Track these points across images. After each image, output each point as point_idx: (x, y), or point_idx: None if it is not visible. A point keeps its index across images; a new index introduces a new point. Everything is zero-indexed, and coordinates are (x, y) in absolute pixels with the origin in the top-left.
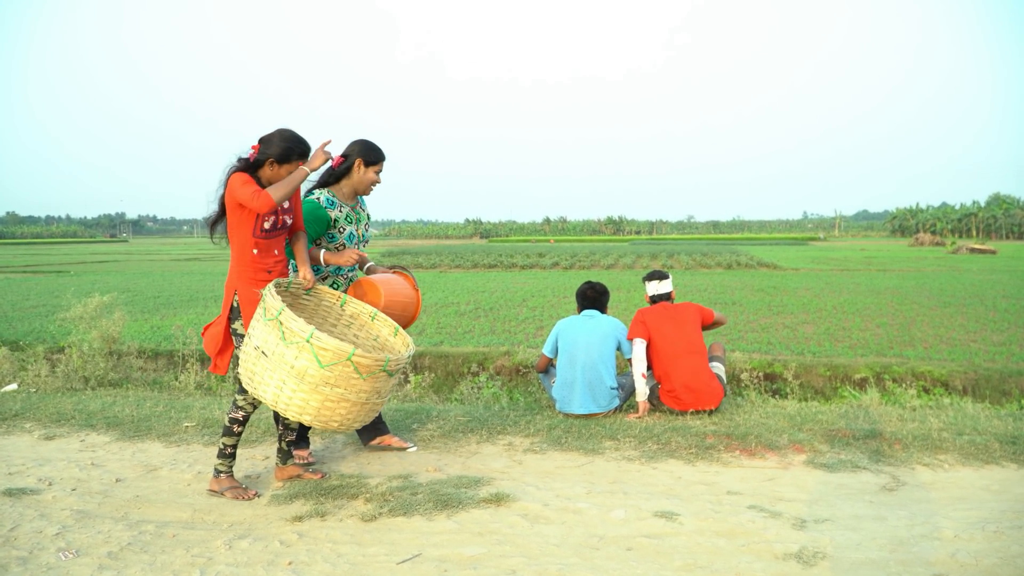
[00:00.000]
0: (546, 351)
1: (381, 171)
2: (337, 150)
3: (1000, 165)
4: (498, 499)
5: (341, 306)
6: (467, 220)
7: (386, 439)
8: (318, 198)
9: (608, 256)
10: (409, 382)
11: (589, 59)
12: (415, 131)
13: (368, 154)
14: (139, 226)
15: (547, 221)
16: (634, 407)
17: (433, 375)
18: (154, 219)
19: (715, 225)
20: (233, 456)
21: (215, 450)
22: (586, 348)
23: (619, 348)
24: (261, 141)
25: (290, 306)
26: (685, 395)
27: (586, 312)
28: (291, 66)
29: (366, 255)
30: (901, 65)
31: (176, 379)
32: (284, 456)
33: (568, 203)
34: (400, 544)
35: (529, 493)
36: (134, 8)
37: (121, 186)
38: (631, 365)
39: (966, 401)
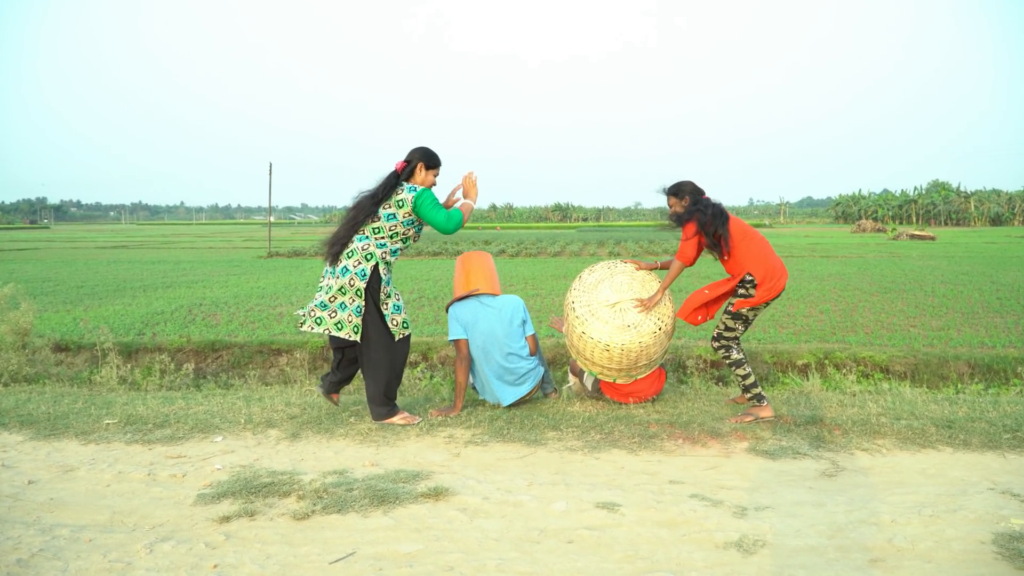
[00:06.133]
0: (461, 335)
1: (438, 175)
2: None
3: (939, 152)
4: (437, 493)
5: None
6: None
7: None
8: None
9: (555, 243)
10: None
11: (547, 40)
12: (359, 103)
13: (429, 159)
14: (62, 212)
15: (493, 208)
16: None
17: None
18: (78, 204)
19: (662, 212)
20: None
21: (137, 448)
22: (493, 336)
23: (523, 323)
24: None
25: None
26: (626, 388)
27: (479, 296)
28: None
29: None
30: (850, 66)
31: (98, 374)
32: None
33: (515, 189)
34: (334, 543)
35: (469, 487)
36: None
37: (43, 170)
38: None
39: (904, 386)
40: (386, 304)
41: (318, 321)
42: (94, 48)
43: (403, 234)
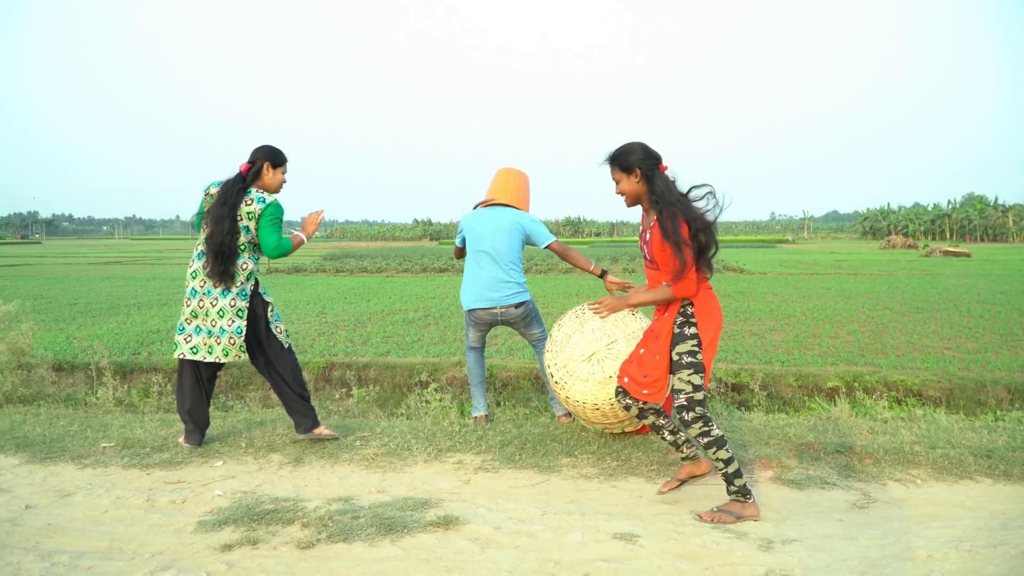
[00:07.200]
0: (458, 243)
1: (286, 171)
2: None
3: (975, 163)
4: (446, 522)
5: None
6: (415, 221)
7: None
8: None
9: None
10: (352, 395)
11: (550, 36)
12: (356, 111)
13: (274, 157)
14: (54, 226)
15: None
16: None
17: (378, 388)
18: (70, 218)
19: None
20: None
21: (135, 473)
22: (491, 240)
23: (529, 239)
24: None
25: None
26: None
27: (493, 207)
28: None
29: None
30: (876, 63)
31: (93, 395)
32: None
33: None
34: (340, 572)
35: (480, 515)
36: None
37: (34, 183)
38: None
39: (940, 412)
40: (272, 314)
41: (210, 350)
42: (83, 58)
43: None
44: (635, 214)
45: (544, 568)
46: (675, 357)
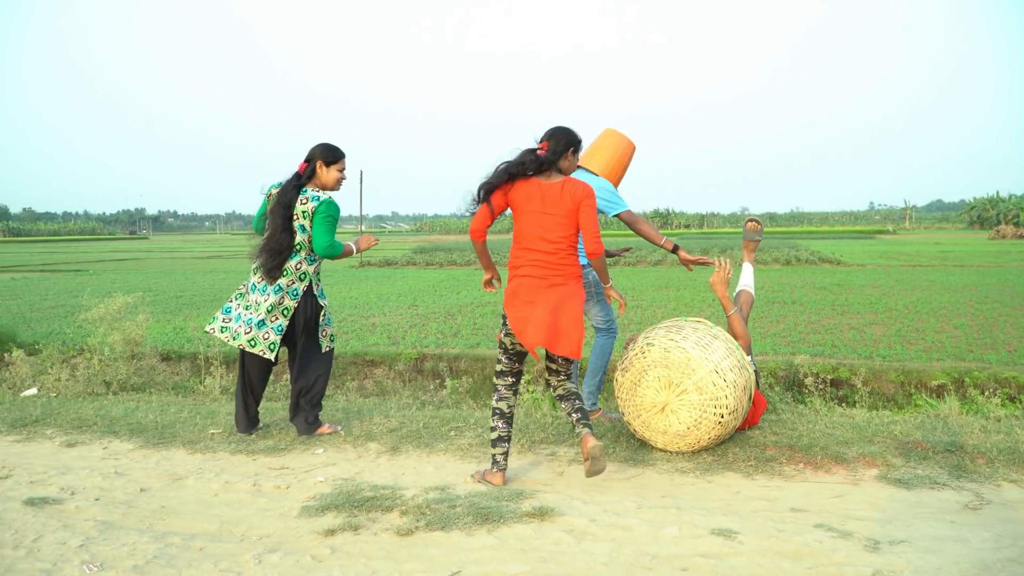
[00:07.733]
0: None
1: (344, 168)
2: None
3: None
4: (541, 513)
5: None
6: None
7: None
8: (320, 197)
9: (655, 252)
10: (445, 387)
11: (621, 26)
12: (437, 115)
13: (327, 155)
14: (159, 222)
15: None
16: None
17: (470, 379)
18: (175, 215)
19: (771, 217)
20: None
21: (242, 458)
22: None
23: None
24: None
25: None
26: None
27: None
28: (305, 50)
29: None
30: (984, 33)
31: (201, 383)
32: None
33: None
34: (438, 560)
35: (575, 507)
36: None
37: (140, 181)
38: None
39: None
40: (323, 317)
41: (235, 336)
42: (186, 79)
43: None
44: (724, 206)
45: (641, 561)
46: None
